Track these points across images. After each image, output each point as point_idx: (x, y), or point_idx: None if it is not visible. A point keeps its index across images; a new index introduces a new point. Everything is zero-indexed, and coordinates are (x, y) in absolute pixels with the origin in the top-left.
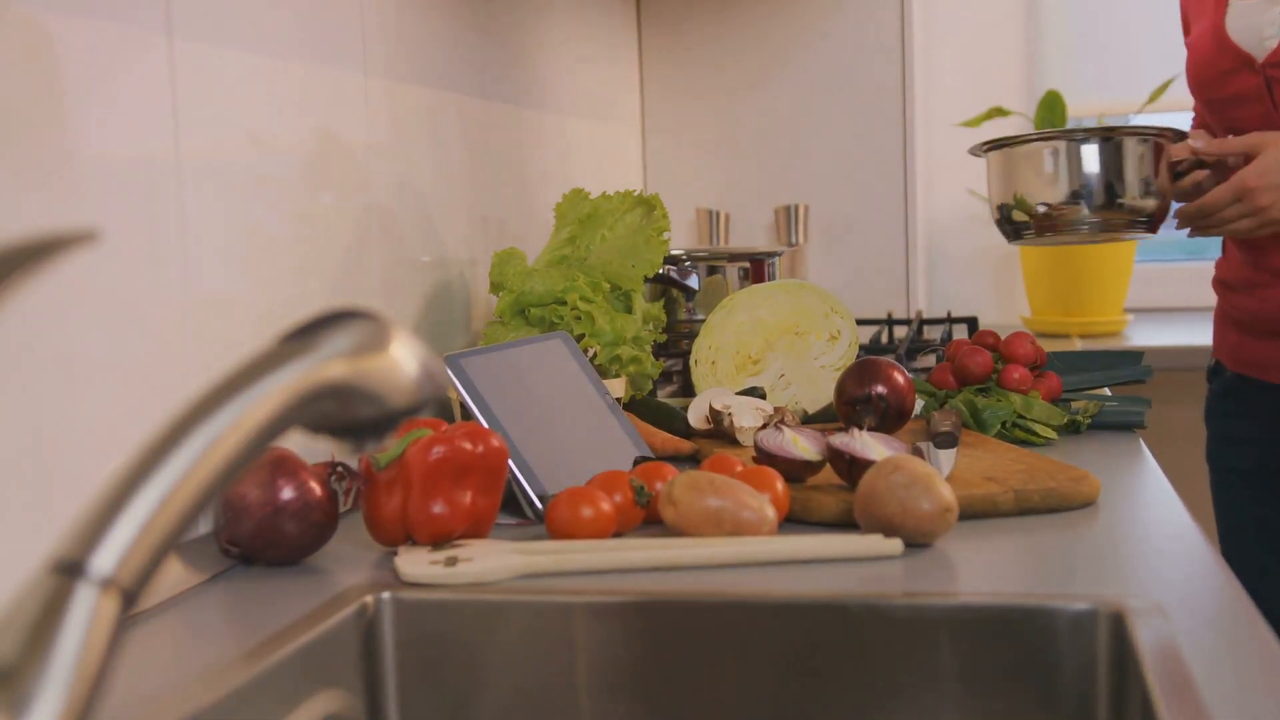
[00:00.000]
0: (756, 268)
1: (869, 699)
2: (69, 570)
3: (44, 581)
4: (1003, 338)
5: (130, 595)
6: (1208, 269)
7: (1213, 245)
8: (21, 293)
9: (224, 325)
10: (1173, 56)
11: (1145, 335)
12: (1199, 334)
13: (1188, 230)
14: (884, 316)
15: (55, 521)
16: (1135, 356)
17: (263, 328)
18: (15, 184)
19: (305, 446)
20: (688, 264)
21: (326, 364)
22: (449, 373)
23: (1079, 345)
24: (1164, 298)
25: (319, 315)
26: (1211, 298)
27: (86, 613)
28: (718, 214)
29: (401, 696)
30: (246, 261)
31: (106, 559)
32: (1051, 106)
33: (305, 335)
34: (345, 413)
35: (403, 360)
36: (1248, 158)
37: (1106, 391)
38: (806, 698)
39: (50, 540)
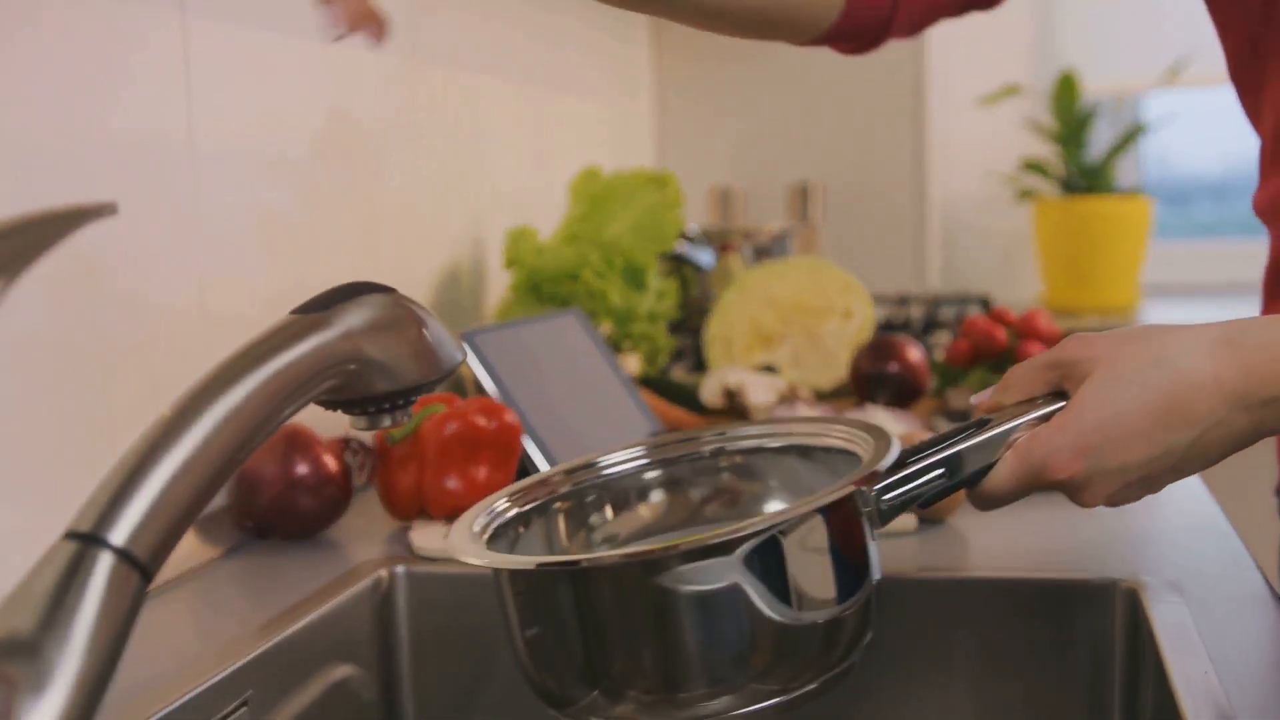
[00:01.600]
0: (770, 245)
1: (882, 674)
2: (87, 542)
3: (62, 553)
4: (1017, 316)
5: (147, 568)
6: (1225, 246)
7: (1235, 224)
8: (40, 267)
9: (237, 303)
10: (1194, 28)
11: (1160, 314)
12: (1215, 312)
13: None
14: (898, 294)
15: (74, 497)
16: None
17: (275, 306)
18: (30, 162)
19: (320, 420)
20: (701, 241)
21: (342, 338)
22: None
23: (1093, 324)
24: (1182, 275)
25: (335, 289)
26: (1229, 274)
27: (104, 584)
28: (732, 192)
29: (415, 669)
30: (259, 240)
31: (123, 531)
32: (1067, 90)
33: (321, 309)
34: (361, 387)
35: (418, 334)
36: (1052, 393)
37: None
38: None
39: (68, 515)
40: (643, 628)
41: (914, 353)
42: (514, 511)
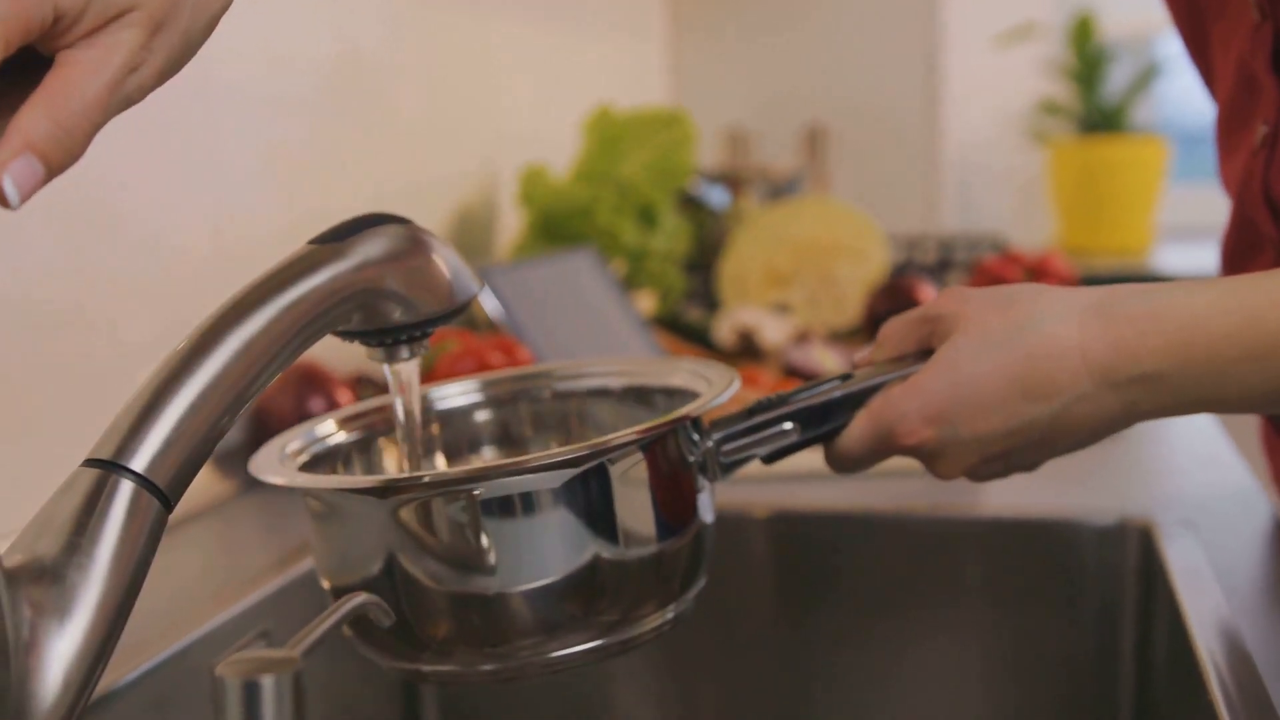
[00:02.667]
0: (783, 186)
1: (892, 612)
2: (107, 469)
3: (82, 480)
4: (1031, 257)
5: (168, 496)
6: None
7: None
8: (52, 205)
9: (250, 239)
10: None
11: (1174, 256)
12: None
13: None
14: (911, 236)
15: (89, 434)
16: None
17: (288, 242)
18: None
19: (334, 357)
20: (715, 181)
21: (359, 268)
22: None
23: (1107, 266)
24: (1198, 218)
25: (351, 220)
26: None
27: (125, 510)
28: (744, 132)
29: None
30: (271, 176)
31: (144, 459)
32: (1084, 30)
33: (337, 239)
34: (378, 318)
35: (436, 264)
36: (922, 350)
37: None
38: (830, 610)
39: (85, 453)
40: (452, 557)
41: (928, 293)
42: (336, 439)
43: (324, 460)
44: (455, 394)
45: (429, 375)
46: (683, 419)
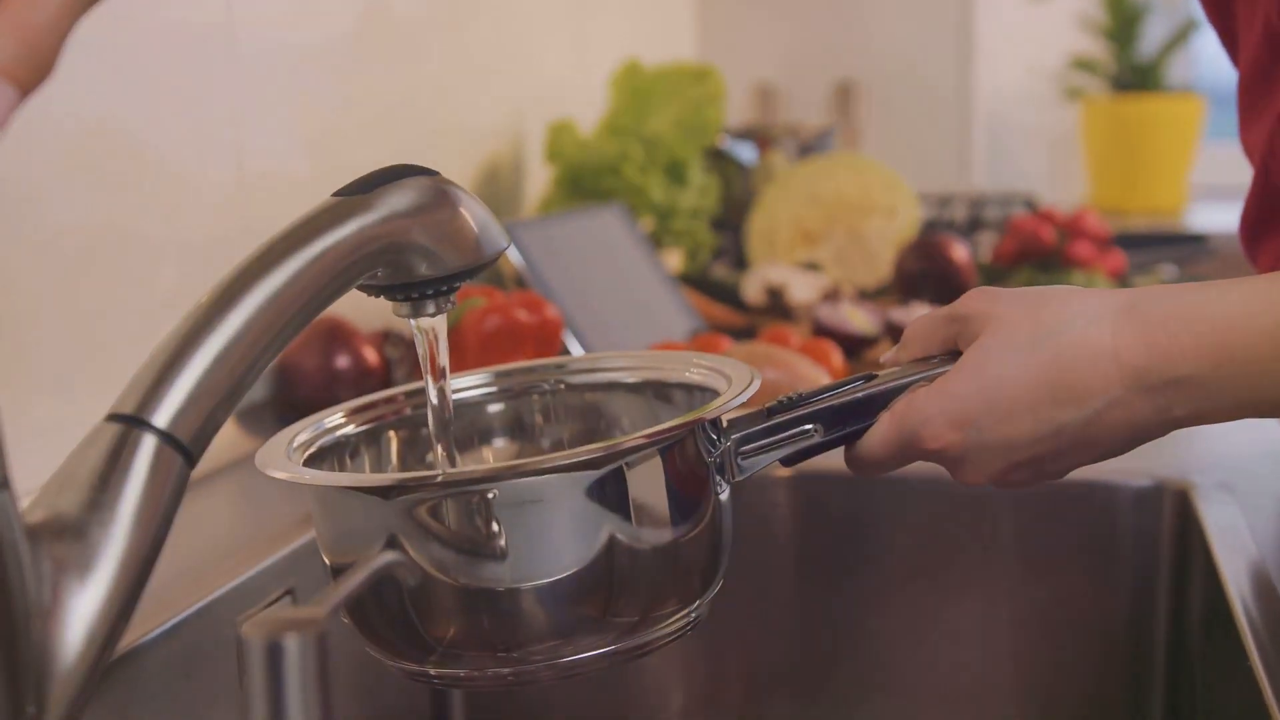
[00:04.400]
0: (813, 143)
1: (923, 575)
2: (130, 424)
3: (105, 435)
4: (1064, 215)
5: (190, 451)
6: None
7: None
8: (82, 158)
9: (276, 195)
10: None
11: (1208, 215)
12: None
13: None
14: (941, 193)
15: (115, 385)
16: (1198, 239)
17: (315, 194)
18: (70, 49)
19: (360, 312)
20: (743, 138)
21: (385, 220)
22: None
23: (1140, 225)
24: (1233, 177)
25: (377, 171)
26: None
27: (148, 466)
28: (773, 88)
29: None
30: (298, 129)
31: (166, 414)
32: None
33: (363, 191)
34: (404, 272)
35: (463, 218)
36: (949, 352)
37: (1168, 270)
38: (864, 572)
39: (110, 403)
40: (463, 557)
41: (959, 251)
42: (344, 431)
43: (331, 452)
44: (469, 385)
45: (455, 332)
46: (701, 420)
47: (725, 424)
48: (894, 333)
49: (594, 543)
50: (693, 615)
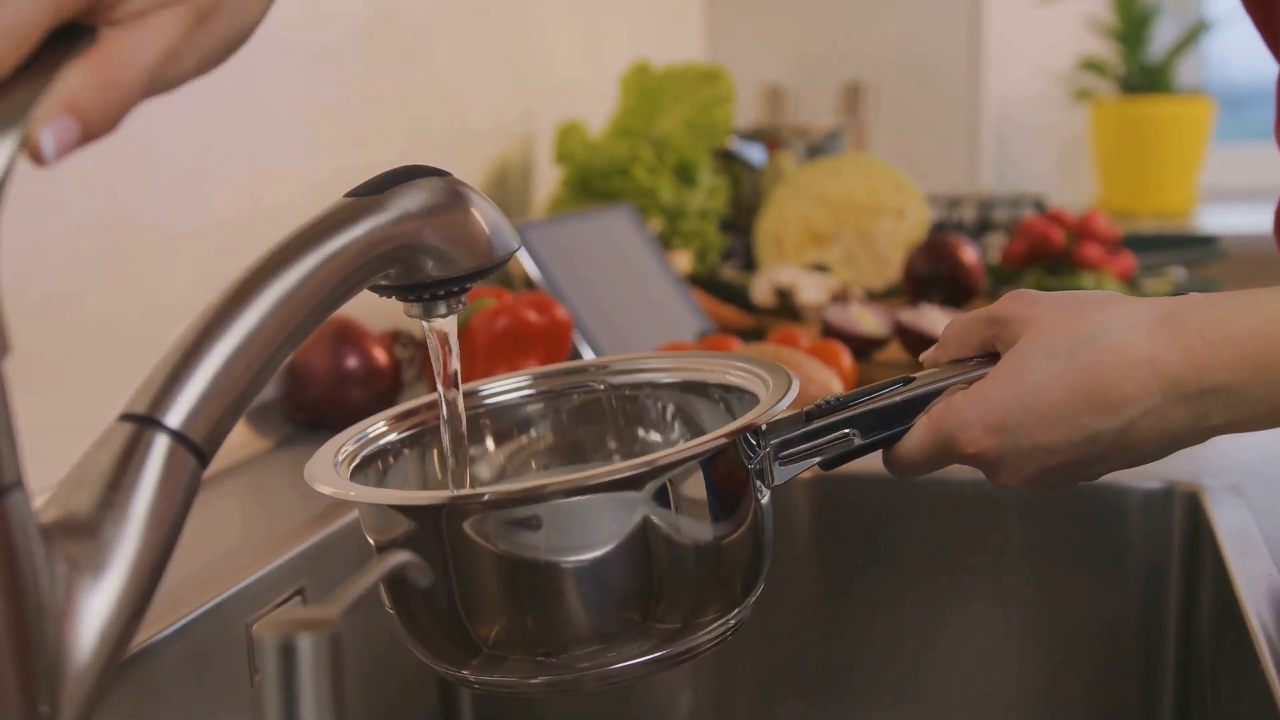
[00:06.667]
0: (822, 144)
1: (934, 576)
2: (142, 424)
3: (118, 434)
4: (1074, 217)
5: (203, 451)
6: None
7: None
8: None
9: (286, 193)
10: None
11: (1218, 218)
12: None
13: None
14: (950, 195)
15: (126, 387)
16: (1208, 242)
17: (324, 196)
18: None
19: (370, 313)
20: (752, 139)
21: (397, 221)
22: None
23: (1149, 227)
24: (1241, 180)
25: (390, 172)
26: None
27: (160, 466)
28: (782, 89)
29: None
30: (308, 130)
31: (179, 414)
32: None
33: (375, 192)
34: (416, 273)
35: (475, 219)
36: (986, 354)
37: (1178, 273)
38: (875, 575)
39: (121, 406)
40: (507, 567)
41: (969, 253)
42: (387, 439)
43: (375, 460)
44: (508, 388)
45: (464, 332)
46: (742, 430)
47: (764, 429)
48: (903, 334)
49: (636, 552)
50: (733, 621)
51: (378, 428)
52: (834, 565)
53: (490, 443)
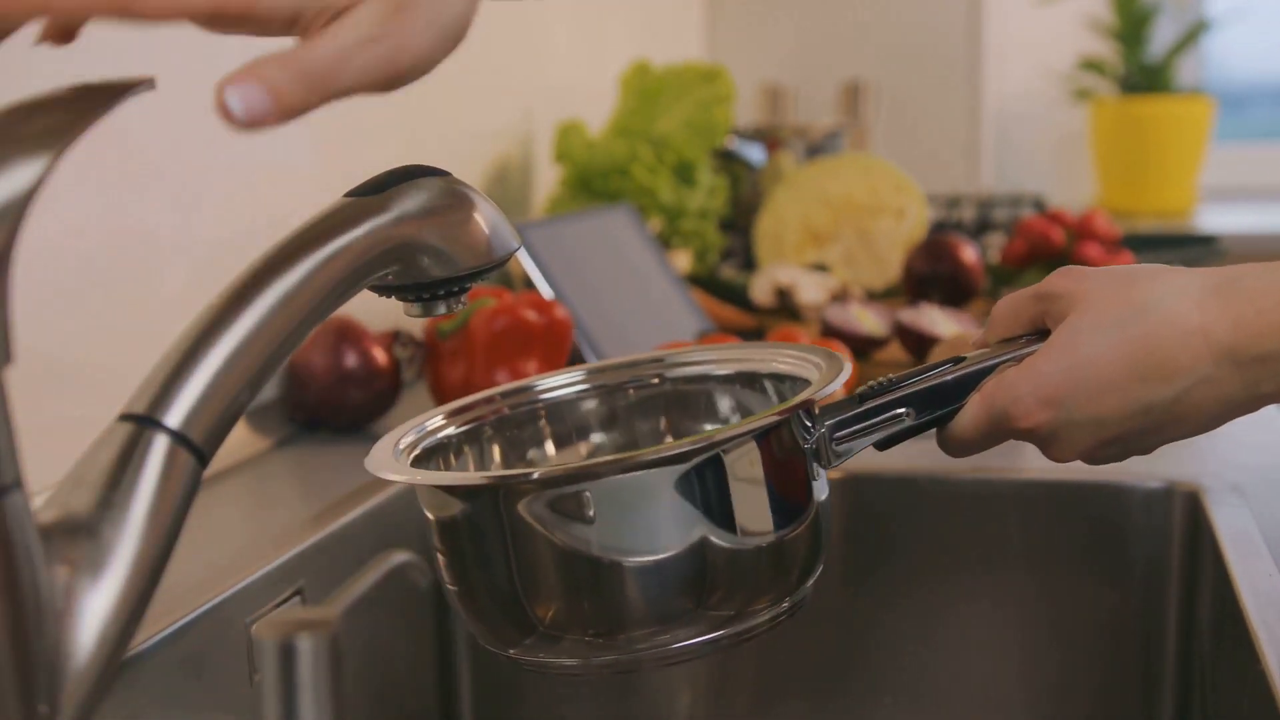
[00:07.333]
0: (821, 143)
1: (934, 575)
2: (142, 424)
3: (117, 435)
4: (1073, 216)
5: (202, 451)
6: None
7: None
8: (89, 160)
9: (288, 195)
10: None
11: (1218, 218)
12: (1275, 218)
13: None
14: (950, 194)
15: (129, 384)
16: (1207, 241)
17: (326, 197)
18: (75, 46)
19: (369, 312)
20: (751, 139)
21: (397, 221)
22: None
23: (1149, 227)
24: (1241, 179)
25: (389, 172)
26: None
27: (160, 466)
28: (782, 89)
29: None
30: (305, 131)
31: (179, 414)
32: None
33: (375, 192)
34: (416, 272)
35: (475, 219)
36: (1035, 331)
37: None
38: (874, 574)
39: (119, 406)
40: (564, 548)
41: (969, 253)
42: (446, 432)
43: (435, 453)
44: (565, 382)
45: (464, 332)
46: (796, 408)
47: (819, 410)
48: (903, 334)
49: (695, 533)
50: (788, 603)
51: (435, 421)
52: (834, 565)
53: (547, 440)
